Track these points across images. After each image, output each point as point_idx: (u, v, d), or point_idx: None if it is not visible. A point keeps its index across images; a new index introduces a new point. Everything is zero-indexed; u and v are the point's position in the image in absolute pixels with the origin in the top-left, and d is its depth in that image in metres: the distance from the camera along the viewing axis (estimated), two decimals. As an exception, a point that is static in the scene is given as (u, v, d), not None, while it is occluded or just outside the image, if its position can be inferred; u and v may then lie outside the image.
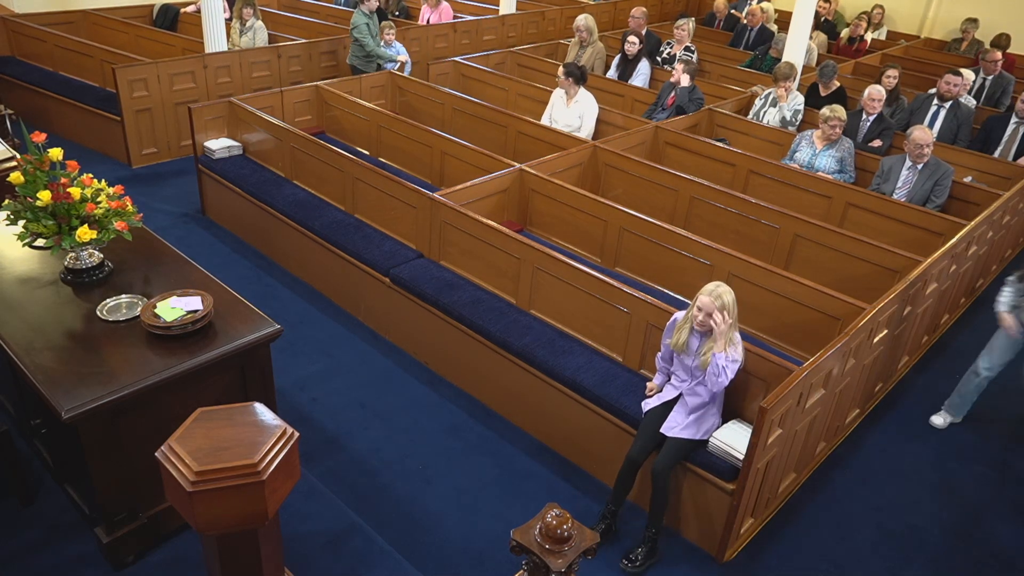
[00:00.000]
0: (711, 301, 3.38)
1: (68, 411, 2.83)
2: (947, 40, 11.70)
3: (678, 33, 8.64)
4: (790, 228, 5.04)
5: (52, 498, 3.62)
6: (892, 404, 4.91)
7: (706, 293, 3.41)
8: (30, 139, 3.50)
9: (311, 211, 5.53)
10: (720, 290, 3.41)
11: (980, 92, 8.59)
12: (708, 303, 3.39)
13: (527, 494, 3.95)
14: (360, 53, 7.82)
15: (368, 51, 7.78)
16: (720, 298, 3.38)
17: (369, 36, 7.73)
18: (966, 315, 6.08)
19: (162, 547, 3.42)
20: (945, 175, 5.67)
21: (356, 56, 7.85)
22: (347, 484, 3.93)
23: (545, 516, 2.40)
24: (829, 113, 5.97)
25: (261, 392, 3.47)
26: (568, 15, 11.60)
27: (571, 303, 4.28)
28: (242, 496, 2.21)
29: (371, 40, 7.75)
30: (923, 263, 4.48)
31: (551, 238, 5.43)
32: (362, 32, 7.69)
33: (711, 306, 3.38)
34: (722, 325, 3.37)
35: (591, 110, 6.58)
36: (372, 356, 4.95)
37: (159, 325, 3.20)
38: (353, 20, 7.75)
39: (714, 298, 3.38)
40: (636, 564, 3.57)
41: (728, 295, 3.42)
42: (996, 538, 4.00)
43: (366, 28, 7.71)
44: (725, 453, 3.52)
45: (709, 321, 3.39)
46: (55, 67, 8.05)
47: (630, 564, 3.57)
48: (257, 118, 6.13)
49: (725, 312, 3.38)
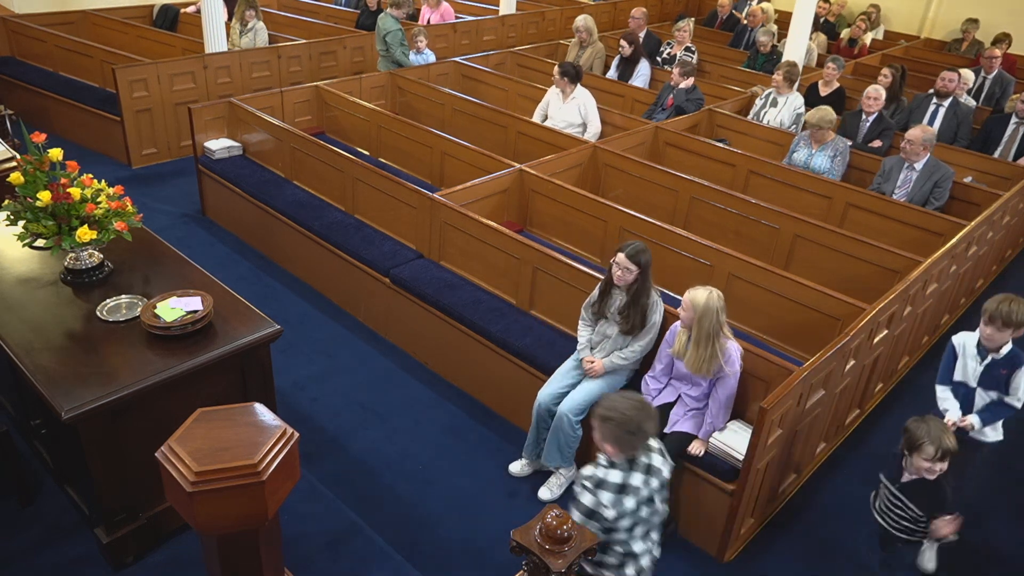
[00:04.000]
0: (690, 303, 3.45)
1: (68, 411, 2.83)
2: (947, 40, 11.70)
3: (679, 35, 8.65)
4: (790, 228, 5.04)
5: (52, 498, 3.62)
6: (892, 404, 4.91)
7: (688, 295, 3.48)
8: (30, 139, 3.51)
9: (311, 211, 5.53)
10: (695, 294, 3.44)
11: (980, 92, 8.59)
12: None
13: (527, 494, 3.95)
14: (390, 59, 7.64)
15: (396, 59, 7.61)
16: (694, 300, 3.42)
17: (399, 44, 7.55)
18: (966, 315, 6.07)
19: (162, 547, 3.42)
20: (944, 177, 5.66)
21: (385, 60, 7.66)
22: (347, 484, 3.92)
23: (545, 517, 2.40)
24: (814, 120, 6.01)
25: (261, 392, 3.47)
26: (568, 15, 11.60)
27: (571, 303, 4.27)
28: (242, 496, 2.21)
29: (399, 48, 7.56)
30: (923, 263, 4.48)
31: (551, 238, 5.43)
32: (396, 38, 7.49)
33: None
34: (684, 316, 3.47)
35: (592, 106, 6.59)
36: (372, 356, 4.95)
37: (159, 325, 3.21)
38: (387, 25, 7.48)
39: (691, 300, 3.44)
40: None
41: (703, 300, 3.41)
42: (996, 538, 4.00)
43: (400, 34, 7.53)
44: (725, 453, 3.52)
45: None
46: (55, 67, 8.05)
47: None
48: (257, 118, 6.13)
49: (692, 312, 3.43)
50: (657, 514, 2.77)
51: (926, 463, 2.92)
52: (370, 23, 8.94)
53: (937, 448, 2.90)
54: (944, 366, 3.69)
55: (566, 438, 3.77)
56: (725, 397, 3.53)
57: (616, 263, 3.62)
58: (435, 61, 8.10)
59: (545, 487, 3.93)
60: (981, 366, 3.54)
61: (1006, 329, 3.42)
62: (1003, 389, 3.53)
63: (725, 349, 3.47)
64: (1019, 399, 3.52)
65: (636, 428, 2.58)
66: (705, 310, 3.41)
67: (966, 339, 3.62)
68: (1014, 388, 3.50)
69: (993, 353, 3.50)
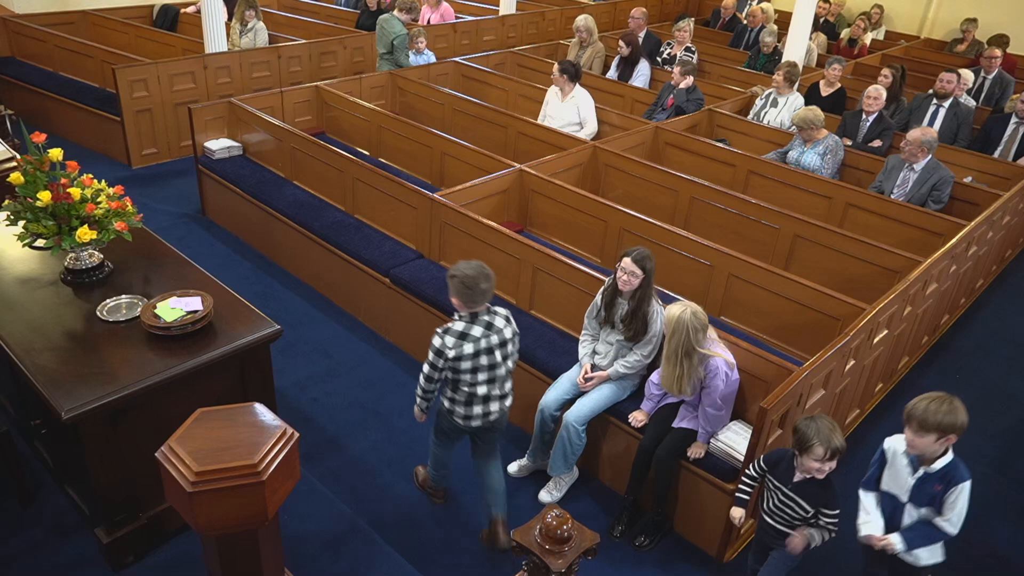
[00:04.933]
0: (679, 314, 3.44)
1: (68, 411, 2.83)
2: (947, 40, 11.70)
3: (679, 35, 8.65)
4: (790, 228, 5.04)
5: (52, 499, 3.62)
6: (892, 404, 4.91)
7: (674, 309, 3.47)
8: (30, 139, 3.51)
9: (311, 211, 5.53)
10: (670, 309, 3.44)
11: (980, 92, 8.59)
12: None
13: (528, 495, 3.95)
14: (392, 61, 7.67)
15: (398, 62, 7.64)
16: (672, 317, 3.42)
17: (405, 48, 7.60)
18: (966, 315, 6.08)
19: (162, 547, 3.42)
20: (943, 181, 5.64)
21: (387, 63, 7.69)
22: (347, 484, 3.93)
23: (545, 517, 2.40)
24: (797, 121, 6.04)
25: (261, 392, 3.47)
26: (568, 15, 11.60)
27: (571, 303, 4.27)
28: (242, 497, 2.21)
29: (404, 52, 7.61)
30: (923, 263, 4.48)
31: (551, 238, 5.43)
32: (403, 41, 7.52)
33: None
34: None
35: (589, 106, 6.59)
36: (372, 356, 4.95)
37: (159, 325, 3.21)
38: (395, 28, 7.49)
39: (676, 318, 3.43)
40: (648, 542, 3.70)
41: (676, 316, 3.41)
42: (996, 538, 4.00)
43: (407, 38, 7.57)
44: (725, 453, 3.52)
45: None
46: (55, 68, 8.05)
47: (647, 540, 3.71)
48: (257, 118, 6.13)
49: (665, 326, 3.46)
50: (500, 367, 3.34)
51: (815, 463, 2.87)
52: (370, 23, 8.93)
53: (826, 449, 2.85)
54: (872, 470, 3.10)
55: (572, 447, 3.77)
56: (708, 406, 3.51)
57: (621, 267, 3.62)
58: (435, 61, 8.09)
59: (545, 490, 3.93)
60: (913, 478, 2.92)
61: (924, 433, 2.77)
62: (937, 508, 2.90)
63: (708, 366, 3.45)
64: (953, 524, 2.88)
65: (473, 285, 3.16)
66: (676, 327, 3.39)
67: (897, 444, 3.00)
68: (948, 508, 2.86)
69: (925, 465, 2.88)
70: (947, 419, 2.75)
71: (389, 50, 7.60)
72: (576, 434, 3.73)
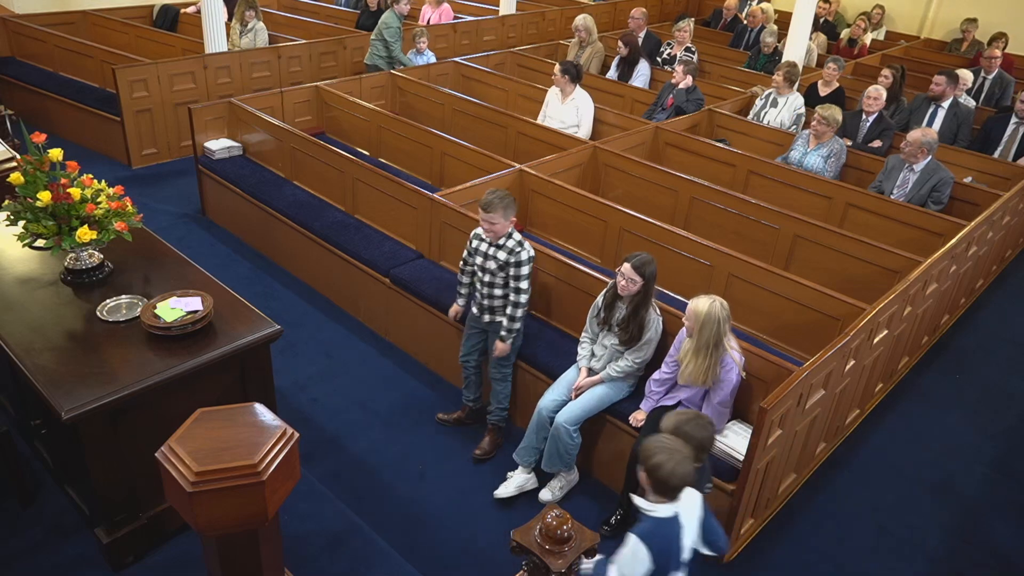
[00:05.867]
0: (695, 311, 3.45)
1: (68, 411, 2.83)
2: (947, 40, 11.70)
3: (679, 35, 8.65)
4: (790, 228, 5.04)
5: (52, 499, 3.62)
6: (892, 404, 4.91)
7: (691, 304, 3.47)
8: (30, 139, 3.51)
9: (311, 212, 5.53)
10: (697, 303, 3.43)
11: (980, 92, 8.59)
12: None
13: (528, 494, 3.95)
14: (383, 54, 7.75)
15: (392, 55, 7.72)
16: (696, 309, 3.41)
17: (398, 40, 7.69)
18: (966, 315, 6.08)
19: (162, 547, 3.42)
20: (943, 182, 5.63)
21: (379, 56, 7.78)
22: (347, 484, 3.93)
23: (545, 517, 2.40)
24: (823, 112, 5.97)
25: (261, 392, 3.47)
26: (568, 15, 11.60)
27: (571, 304, 4.27)
28: (242, 497, 2.22)
29: (398, 44, 7.70)
30: (923, 263, 4.48)
31: (551, 238, 5.43)
32: (394, 35, 7.62)
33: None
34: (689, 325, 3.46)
35: (588, 109, 6.59)
36: (372, 356, 4.95)
37: (159, 326, 3.20)
38: (387, 20, 7.65)
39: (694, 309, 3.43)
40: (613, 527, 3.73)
41: (705, 308, 3.41)
42: (995, 538, 4.00)
43: (398, 32, 7.66)
44: (725, 454, 3.52)
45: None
46: (55, 68, 8.05)
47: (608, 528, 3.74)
48: (257, 119, 6.13)
49: (693, 321, 3.43)
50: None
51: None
52: (370, 23, 8.93)
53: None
54: None
55: (565, 446, 3.77)
56: (718, 403, 3.52)
57: (621, 273, 3.62)
58: (435, 61, 8.10)
59: (546, 488, 3.93)
60: None
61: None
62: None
63: (724, 361, 3.46)
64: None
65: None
66: (707, 319, 3.39)
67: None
68: None
69: None
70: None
71: (384, 44, 7.71)
72: (567, 434, 3.73)
